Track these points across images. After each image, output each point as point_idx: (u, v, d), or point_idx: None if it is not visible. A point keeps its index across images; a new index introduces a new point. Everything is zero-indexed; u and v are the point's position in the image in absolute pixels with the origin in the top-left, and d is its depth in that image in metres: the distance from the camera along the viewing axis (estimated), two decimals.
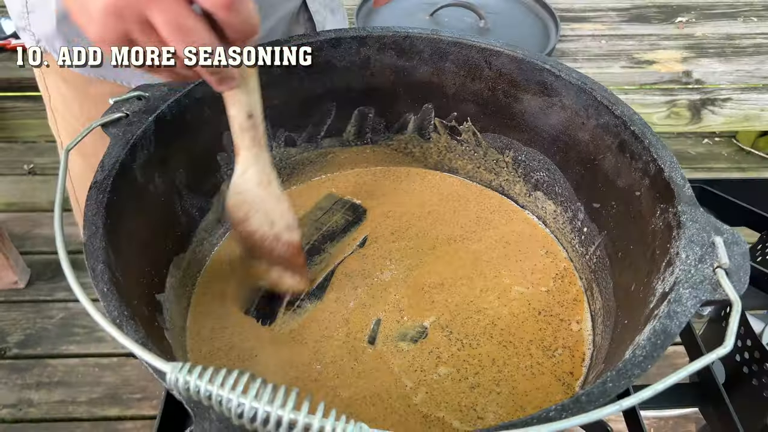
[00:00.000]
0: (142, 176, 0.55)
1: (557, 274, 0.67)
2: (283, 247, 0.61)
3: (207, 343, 0.60)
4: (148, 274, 0.55)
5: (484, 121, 0.73)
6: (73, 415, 1.53)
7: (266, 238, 0.61)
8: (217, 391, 0.33)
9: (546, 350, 0.59)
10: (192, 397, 0.33)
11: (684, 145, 2.38)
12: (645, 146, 0.55)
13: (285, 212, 0.60)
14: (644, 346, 0.41)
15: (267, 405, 0.32)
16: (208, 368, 0.34)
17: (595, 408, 0.37)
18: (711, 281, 0.44)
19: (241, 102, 0.53)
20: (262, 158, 0.57)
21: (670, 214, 0.51)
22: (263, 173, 0.58)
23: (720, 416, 0.65)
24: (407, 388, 0.56)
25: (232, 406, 0.32)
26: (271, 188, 0.59)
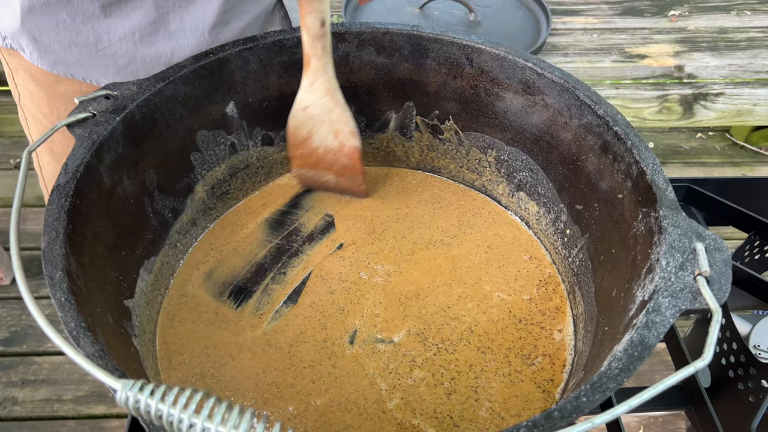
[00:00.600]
0: (109, 178, 0.54)
1: (541, 281, 0.65)
2: (345, 156, 0.67)
3: (178, 350, 0.58)
4: (115, 279, 0.53)
5: (466, 120, 0.71)
6: (58, 413, 1.52)
7: (329, 151, 0.67)
8: (168, 410, 0.31)
9: (525, 359, 0.58)
10: (143, 416, 0.32)
11: (677, 139, 2.37)
12: (628, 148, 0.54)
13: (349, 119, 0.65)
14: (621, 358, 0.40)
15: (221, 426, 0.31)
16: (161, 386, 0.32)
17: (567, 425, 0.36)
18: (691, 289, 0.43)
19: (317, 9, 0.57)
20: (330, 66, 0.62)
21: (652, 218, 0.49)
22: (331, 81, 0.63)
23: (702, 421, 0.64)
24: (382, 392, 0.55)
25: (183, 427, 0.31)
26: (337, 95, 0.64)
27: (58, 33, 0.67)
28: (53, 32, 0.66)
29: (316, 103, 0.64)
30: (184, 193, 0.65)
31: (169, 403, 0.32)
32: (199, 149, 0.65)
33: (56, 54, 0.68)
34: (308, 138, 0.66)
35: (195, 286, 0.64)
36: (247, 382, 0.56)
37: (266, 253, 0.67)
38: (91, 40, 0.67)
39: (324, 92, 0.63)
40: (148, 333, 0.57)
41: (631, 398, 0.35)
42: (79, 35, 0.67)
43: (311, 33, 0.59)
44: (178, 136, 0.63)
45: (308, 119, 0.65)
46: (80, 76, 0.69)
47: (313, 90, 0.63)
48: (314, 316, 0.61)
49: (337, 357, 0.58)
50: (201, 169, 0.66)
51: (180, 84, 0.60)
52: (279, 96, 0.68)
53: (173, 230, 0.64)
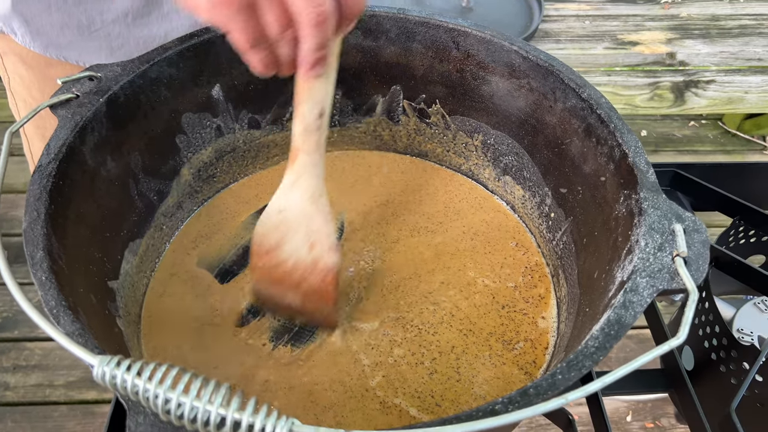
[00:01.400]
0: (92, 159, 0.54)
1: (526, 269, 0.65)
2: (318, 276, 0.56)
3: (162, 331, 0.59)
4: (99, 260, 0.54)
5: (452, 104, 0.71)
6: (50, 398, 1.52)
7: (299, 267, 0.56)
8: (144, 385, 0.32)
9: (506, 344, 0.58)
10: (120, 391, 0.32)
11: (670, 127, 2.37)
12: (610, 131, 0.54)
13: (331, 232, 0.55)
14: (597, 336, 0.40)
15: (195, 401, 0.31)
16: (137, 362, 0.33)
17: (543, 401, 0.36)
18: (669, 270, 0.43)
19: (316, 97, 0.49)
20: (320, 166, 0.53)
21: (633, 200, 0.50)
22: (318, 185, 0.54)
23: (684, 402, 0.65)
24: (365, 368, 0.56)
25: (159, 402, 0.31)
26: (321, 202, 0.54)
27: (50, 15, 0.66)
28: (45, 14, 0.66)
29: (294, 206, 0.54)
30: (170, 175, 0.65)
31: (145, 378, 0.32)
32: (184, 132, 0.65)
33: (49, 36, 0.68)
34: (277, 247, 0.56)
35: (182, 268, 0.64)
36: (229, 365, 0.56)
37: None
38: (83, 22, 0.67)
39: (307, 195, 0.54)
40: (132, 314, 0.57)
41: (605, 375, 0.36)
42: (72, 17, 0.67)
43: (305, 124, 0.51)
44: (163, 119, 0.62)
45: (281, 224, 0.55)
46: (73, 59, 0.69)
47: (294, 189, 0.54)
48: None
49: (321, 336, 0.58)
50: (187, 151, 0.66)
51: (164, 66, 0.60)
52: (265, 79, 0.68)
53: (159, 213, 0.64)
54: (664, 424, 1.25)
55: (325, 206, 0.55)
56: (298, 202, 0.54)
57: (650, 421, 1.25)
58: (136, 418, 0.34)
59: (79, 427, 1.47)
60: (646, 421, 1.25)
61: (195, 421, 0.31)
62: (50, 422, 1.47)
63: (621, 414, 1.27)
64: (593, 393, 0.60)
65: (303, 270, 0.56)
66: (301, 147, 0.52)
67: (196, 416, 0.31)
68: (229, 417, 0.31)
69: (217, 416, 0.31)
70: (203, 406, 0.31)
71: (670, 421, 1.26)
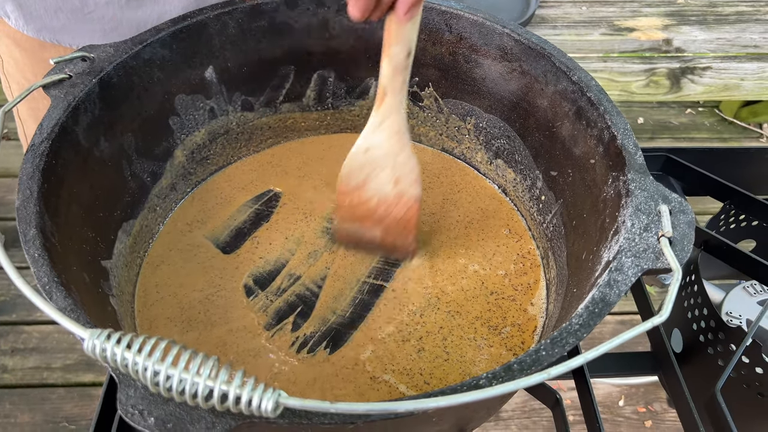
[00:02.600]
0: (85, 140, 0.54)
1: (518, 256, 0.66)
2: (402, 208, 0.60)
3: (155, 309, 0.59)
4: (92, 240, 0.54)
5: (445, 87, 0.72)
6: (47, 381, 1.53)
7: (383, 202, 0.60)
8: (134, 358, 0.32)
9: (492, 329, 0.59)
10: (110, 364, 0.33)
11: (667, 115, 2.37)
12: (600, 113, 0.55)
13: (414, 167, 0.58)
14: (581, 314, 0.41)
15: (184, 373, 0.32)
16: (128, 335, 0.33)
17: (526, 376, 0.37)
18: (654, 250, 0.44)
19: (406, 38, 0.52)
20: (404, 104, 0.56)
21: (621, 182, 0.50)
22: (403, 120, 0.57)
23: (671, 385, 0.65)
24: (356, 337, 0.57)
25: (148, 375, 0.32)
26: (406, 138, 0.57)
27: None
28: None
29: (381, 144, 0.57)
30: (163, 157, 0.66)
31: (134, 351, 0.32)
32: (177, 113, 0.65)
33: (42, 20, 0.68)
34: (363, 185, 0.59)
35: (175, 250, 0.64)
36: (221, 346, 0.57)
37: (245, 219, 0.68)
38: (77, 5, 0.67)
39: (393, 132, 0.57)
40: (126, 293, 0.58)
41: (588, 351, 0.36)
42: (66, 0, 0.67)
43: (394, 64, 0.53)
44: (157, 100, 0.63)
45: (368, 162, 0.58)
46: (67, 42, 0.69)
47: (381, 130, 0.56)
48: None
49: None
50: (180, 133, 0.67)
51: (157, 47, 0.60)
52: (258, 61, 0.69)
53: (152, 194, 0.65)
54: (656, 408, 1.26)
55: (408, 141, 0.58)
56: (385, 140, 0.57)
57: (642, 406, 1.26)
58: (127, 391, 0.35)
59: (77, 409, 1.48)
60: (639, 406, 1.26)
61: (183, 393, 0.32)
62: (48, 404, 1.49)
63: (614, 399, 1.28)
64: (579, 369, 0.62)
65: (388, 205, 0.60)
66: (389, 87, 0.55)
67: (185, 389, 0.32)
68: (216, 389, 0.31)
69: (206, 388, 0.32)
70: (191, 379, 0.32)
71: (662, 406, 1.27)
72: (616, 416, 1.26)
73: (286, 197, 0.71)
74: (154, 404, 0.34)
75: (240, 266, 0.63)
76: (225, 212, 0.69)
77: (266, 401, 0.31)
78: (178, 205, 0.69)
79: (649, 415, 1.25)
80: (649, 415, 1.25)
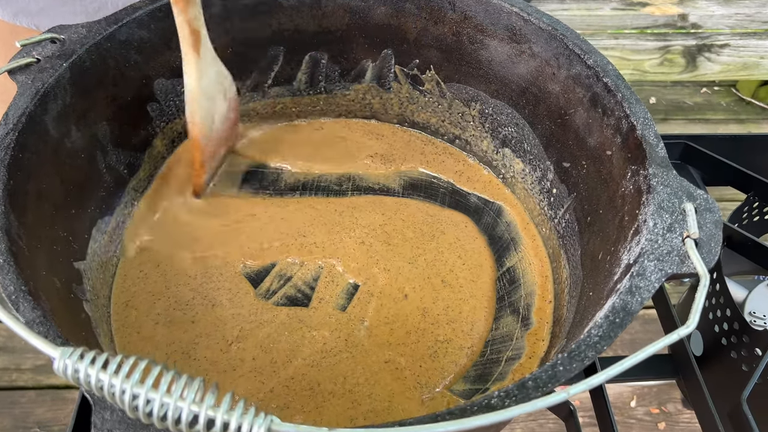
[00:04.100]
0: (55, 130, 0.53)
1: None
2: (234, 109, 0.67)
3: (134, 314, 0.58)
4: (64, 240, 0.53)
5: (448, 70, 0.70)
6: (17, 383, 1.51)
7: (227, 116, 0.66)
8: (110, 380, 0.31)
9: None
10: (83, 386, 0.32)
11: (680, 94, 2.36)
12: (618, 101, 0.53)
13: (222, 69, 0.64)
14: (601, 324, 0.40)
15: (166, 397, 0.30)
16: (103, 354, 0.32)
17: (542, 395, 0.36)
18: (679, 252, 0.43)
19: None
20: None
21: (641, 176, 0.49)
22: (209, 42, 0.61)
23: (692, 391, 0.65)
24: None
25: (126, 398, 0.31)
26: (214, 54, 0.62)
27: None
28: None
29: (214, 76, 0.63)
30: (141, 147, 0.64)
31: (110, 372, 0.31)
32: (157, 99, 0.64)
33: (19, 3, 0.66)
34: (213, 119, 0.65)
35: (153, 244, 0.63)
36: (212, 333, 0.56)
37: None
38: None
39: (215, 60, 0.62)
40: (101, 297, 0.57)
41: (610, 367, 0.35)
42: None
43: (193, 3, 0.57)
44: (134, 85, 0.62)
45: (209, 103, 0.63)
46: (45, 27, 0.68)
47: (210, 65, 0.62)
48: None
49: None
50: (159, 121, 0.65)
51: (134, 27, 0.59)
52: (244, 41, 0.67)
53: (129, 187, 0.63)
54: (670, 409, 1.25)
55: (217, 58, 0.63)
56: (216, 72, 0.63)
57: (655, 407, 1.26)
58: (102, 414, 0.33)
59: (49, 413, 1.47)
60: (651, 407, 1.25)
61: (165, 419, 0.30)
62: (17, 408, 1.47)
63: (625, 399, 1.28)
64: (591, 370, 0.61)
65: (228, 116, 0.67)
66: (200, 28, 0.58)
67: (167, 414, 0.30)
68: (202, 414, 0.30)
69: (190, 413, 0.30)
70: (174, 403, 0.30)
71: (677, 407, 1.26)
72: (627, 418, 1.26)
73: None
74: (132, 429, 0.33)
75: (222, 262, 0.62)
76: None
77: (257, 428, 0.30)
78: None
79: (663, 416, 1.25)
80: (662, 416, 1.25)
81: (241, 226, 0.65)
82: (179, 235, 0.63)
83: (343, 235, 0.65)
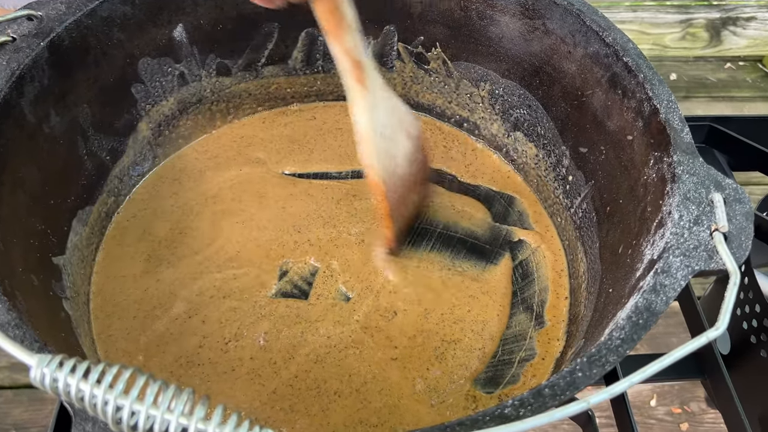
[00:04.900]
0: (32, 114, 0.52)
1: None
2: (421, 150, 0.62)
3: (115, 311, 0.57)
4: (42, 233, 0.52)
5: (455, 48, 0.70)
6: None
7: (413, 161, 0.61)
8: (91, 390, 0.30)
9: None
10: (63, 397, 0.31)
11: (703, 70, 2.34)
12: (639, 81, 0.53)
13: (401, 104, 0.59)
14: (623, 326, 0.39)
15: (152, 408, 0.30)
16: (84, 362, 0.31)
17: (560, 403, 0.35)
18: (707, 247, 0.42)
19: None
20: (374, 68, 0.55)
21: (665, 164, 0.48)
22: (381, 78, 0.56)
23: (718, 391, 0.64)
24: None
25: (109, 410, 0.30)
26: (390, 91, 0.58)
27: None
28: None
29: (388, 118, 0.57)
30: (125, 131, 0.64)
31: (92, 382, 0.30)
32: (141, 80, 0.64)
33: None
34: (396, 164, 0.59)
35: (135, 237, 0.63)
36: (189, 346, 0.56)
37: None
38: None
39: (386, 98, 0.57)
40: (82, 294, 0.56)
41: (633, 374, 0.35)
42: None
43: (352, 30, 0.51)
44: (117, 65, 0.61)
45: (388, 142, 0.57)
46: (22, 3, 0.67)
47: (379, 103, 0.56)
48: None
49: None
50: (145, 103, 0.65)
51: (117, 3, 0.58)
52: (236, 17, 0.67)
53: (112, 175, 0.63)
54: (694, 409, 1.25)
55: (390, 90, 0.58)
56: (389, 112, 0.57)
57: (677, 406, 1.25)
58: (84, 426, 0.33)
59: (27, 414, 1.47)
60: (673, 406, 1.25)
61: None
62: None
63: (644, 398, 1.27)
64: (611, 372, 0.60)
65: (415, 158, 0.61)
66: (359, 53, 0.52)
67: (153, 427, 0.30)
68: (192, 428, 0.30)
69: (178, 426, 0.30)
70: (161, 415, 0.30)
71: (700, 406, 1.26)
72: (647, 418, 1.25)
73: None
74: None
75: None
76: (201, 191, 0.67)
77: None
78: (139, 184, 0.67)
79: (686, 416, 1.24)
80: (685, 416, 1.24)
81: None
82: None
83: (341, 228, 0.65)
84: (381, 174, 0.57)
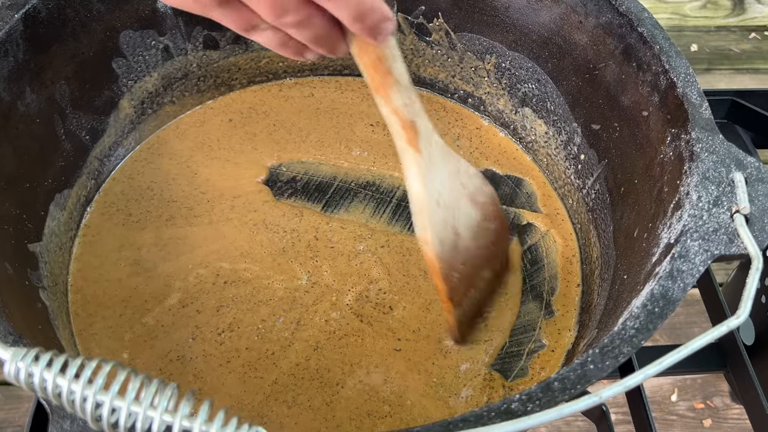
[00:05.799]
0: (6, 92, 0.52)
1: None
2: (495, 219, 0.57)
3: (95, 300, 0.58)
4: (16, 218, 0.53)
5: (459, 18, 0.70)
6: None
7: (481, 234, 0.56)
8: (69, 386, 0.30)
9: None
10: (39, 392, 0.31)
11: (726, 40, 2.33)
12: (655, 53, 0.53)
13: (469, 165, 0.54)
14: (638, 315, 0.39)
15: (134, 405, 0.30)
16: (61, 356, 0.31)
17: (570, 398, 0.35)
18: (727, 230, 0.43)
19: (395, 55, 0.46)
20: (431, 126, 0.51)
21: (683, 141, 0.48)
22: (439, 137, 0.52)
23: (741, 384, 0.64)
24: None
25: (88, 406, 0.30)
26: (452, 151, 0.53)
27: None
28: None
29: (445, 182, 0.52)
30: (106, 109, 0.64)
31: (70, 377, 0.30)
32: (123, 54, 0.64)
33: None
34: (458, 239, 0.53)
35: (114, 222, 0.63)
36: (173, 337, 0.56)
37: None
38: None
39: (445, 159, 0.52)
40: (60, 284, 0.57)
41: (648, 366, 0.35)
42: None
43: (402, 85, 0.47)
44: (97, 38, 0.61)
45: (447, 212, 0.52)
46: None
47: (434, 166, 0.51)
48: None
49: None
50: (127, 79, 0.65)
51: None
52: None
53: (92, 156, 0.63)
54: (717, 404, 1.25)
55: (451, 151, 0.53)
56: (447, 176, 0.52)
57: (700, 401, 1.25)
58: (61, 423, 0.33)
59: (2, 413, 1.47)
60: (695, 401, 1.25)
61: (133, 430, 0.30)
62: None
63: (665, 393, 1.27)
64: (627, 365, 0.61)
65: (485, 229, 0.57)
66: (410, 111, 0.48)
67: (135, 425, 0.30)
68: (176, 425, 0.30)
69: (162, 424, 0.30)
70: (144, 412, 0.30)
71: (724, 401, 1.26)
72: (667, 414, 1.25)
73: None
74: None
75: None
76: (186, 174, 0.67)
77: None
78: (120, 165, 0.67)
79: (709, 412, 1.24)
80: (708, 412, 1.24)
81: None
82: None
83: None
84: (437, 250, 0.52)
